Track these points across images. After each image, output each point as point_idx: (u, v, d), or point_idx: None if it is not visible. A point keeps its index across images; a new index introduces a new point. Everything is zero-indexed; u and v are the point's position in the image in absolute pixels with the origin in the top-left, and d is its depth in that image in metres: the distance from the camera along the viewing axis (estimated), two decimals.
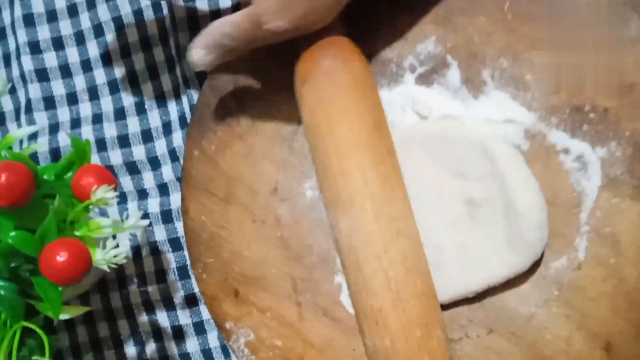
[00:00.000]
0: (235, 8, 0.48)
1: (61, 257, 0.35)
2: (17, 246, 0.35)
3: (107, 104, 0.51)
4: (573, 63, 0.42)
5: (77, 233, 0.39)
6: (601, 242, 0.42)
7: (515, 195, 0.41)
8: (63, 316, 0.39)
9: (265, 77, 0.46)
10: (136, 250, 0.50)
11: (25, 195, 0.35)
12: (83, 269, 0.36)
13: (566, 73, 0.42)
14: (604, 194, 0.42)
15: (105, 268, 0.38)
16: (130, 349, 0.50)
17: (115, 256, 0.38)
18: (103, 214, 0.50)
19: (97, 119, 0.50)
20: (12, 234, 0.36)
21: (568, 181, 0.43)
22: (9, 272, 0.38)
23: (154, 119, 0.50)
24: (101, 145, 0.50)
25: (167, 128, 0.50)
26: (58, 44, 0.51)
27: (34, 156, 0.50)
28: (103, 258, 0.38)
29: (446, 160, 0.43)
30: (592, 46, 0.42)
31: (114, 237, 0.47)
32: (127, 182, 0.50)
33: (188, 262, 0.48)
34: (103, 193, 0.38)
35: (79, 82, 0.51)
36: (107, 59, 0.50)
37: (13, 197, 0.35)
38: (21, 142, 0.51)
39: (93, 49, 0.51)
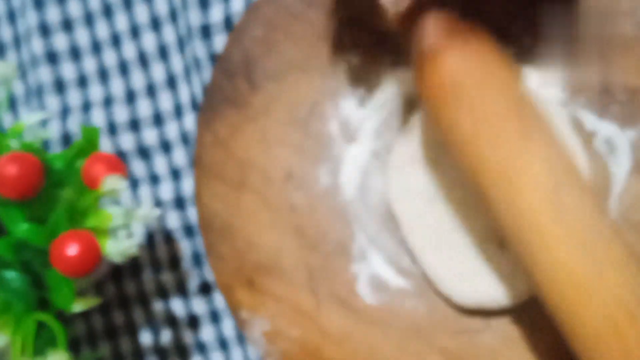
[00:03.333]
0: None
1: (72, 250, 0.35)
2: (27, 239, 0.35)
3: (117, 86, 0.49)
4: (603, 40, 0.40)
5: (88, 224, 0.38)
6: (629, 229, 0.40)
7: None
8: (76, 308, 0.38)
9: (279, 57, 0.44)
10: (150, 237, 0.49)
11: (34, 187, 0.35)
12: (94, 262, 0.35)
13: (595, 51, 0.40)
14: (632, 179, 0.40)
15: (117, 260, 0.37)
16: (146, 337, 0.49)
17: (127, 247, 0.38)
18: (115, 200, 0.49)
19: (108, 102, 0.49)
20: (23, 226, 0.35)
21: (596, 165, 0.41)
22: (21, 264, 0.37)
23: (165, 101, 0.49)
24: (112, 129, 0.49)
25: (178, 111, 0.48)
26: (67, 26, 0.50)
27: (44, 142, 0.49)
28: (116, 250, 0.37)
29: None
30: (622, 22, 0.40)
31: (128, 226, 0.46)
32: (138, 168, 0.49)
33: (202, 249, 0.47)
34: (113, 183, 0.37)
35: (89, 64, 0.50)
36: (116, 41, 0.49)
37: (22, 190, 0.34)
38: (34, 126, 0.50)
39: (102, 30, 0.49)
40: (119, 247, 0.38)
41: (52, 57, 0.49)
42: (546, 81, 0.42)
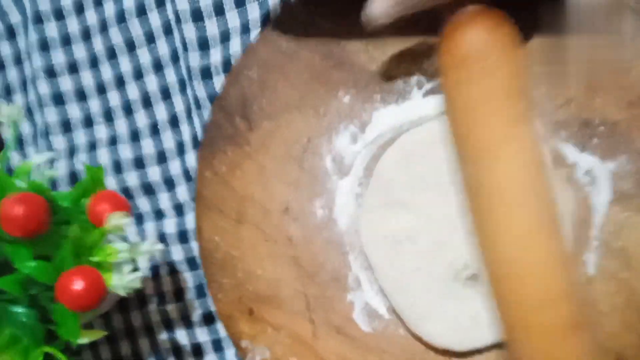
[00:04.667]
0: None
1: (77, 285, 0.36)
2: (34, 276, 0.36)
3: (121, 126, 0.51)
4: (582, 76, 0.42)
5: (94, 259, 0.40)
6: (611, 256, 0.42)
7: None
8: (82, 340, 0.40)
9: (274, 96, 0.46)
10: (155, 269, 0.51)
11: (41, 225, 0.36)
12: (99, 296, 0.37)
13: (575, 87, 0.42)
14: (614, 208, 0.42)
15: (122, 293, 0.39)
16: None
17: (131, 281, 0.39)
18: (122, 236, 0.51)
19: (113, 141, 0.51)
20: (30, 264, 0.37)
21: (578, 196, 0.42)
22: (28, 299, 0.39)
23: (168, 140, 0.51)
24: (117, 167, 0.51)
25: (180, 149, 0.50)
26: (73, 68, 0.52)
27: (52, 181, 0.51)
28: (120, 283, 0.39)
29: None
30: (601, 59, 0.41)
31: (134, 260, 0.48)
32: (143, 203, 0.51)
33: (205, 280, 0.49)
34: (117, 220, 0.39)
35: (94, 105, 0.52)
36: (120, 82, 0.51)
37: (29, 228, 0.36)
38: (41, 165, 0.52)
39: (107, 72, 0.52)
40: (123, 281, 0.39)
41: (58, 99, 0.52)
42: None
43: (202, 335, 0.50)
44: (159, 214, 0.51)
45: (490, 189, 0.37)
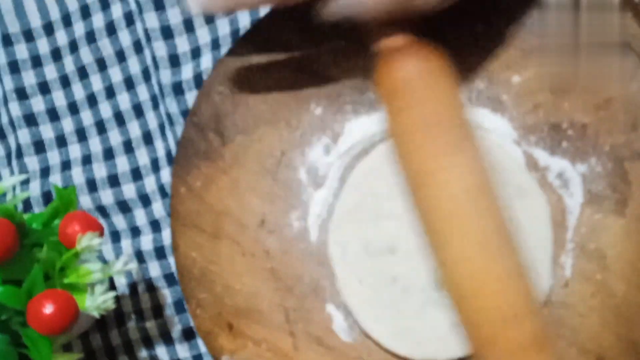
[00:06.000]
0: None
1: (48, 309, 0.36)
2: (3, 302, 0.36)
3: (95, 144, 0.51)
4: (548, 81, 0.42)
5: (67, 280, 0.40)
6: (587, 258, 0.42)
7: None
8: None
9: (246, 111, 0.46)
10: (133, 287, 0.50)
11: (8, 251, 0.36)
12: (70, 320, 0.37)
13: (542, 91, 0.42)
14: (587, 210, 0.42)
15: (95, 314, 0.39)
16: None
17: (104, 302, 0.39)
18: (98, 254, 0.51)
19: (87, 160, 0.51)
20: None
21: (551, 199, 0.43)
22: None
23: (142, 156, 0.51)
24: (92, 186, 0.51)
25: (155, 165, 0.50)
26: (44, 88, 0.52)
27: (26, 201, 0.51)
28: (92, 305, 0.39)
29: None
30: (567, 63, 0.42)
31: (110, 277, 0.48)
32: (119, 221, 0.51)
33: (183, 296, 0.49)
34: (88, 241, 0.39)
35: (67, 125, 0.52)
36: (92, 101, 0.51)
37: None
38: (14, 187, 0.52)
39: (79, 92, 0.51)
40: (97, 301, 0.39)
41: (31, 119, 0.51)
42: (499, 121, 0.44)
43: (183, 351, 0.50)
44: (135, 231, 0.51)
45: (434, 214, 0.38)
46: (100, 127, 0.51)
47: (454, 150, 0.37)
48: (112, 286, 0.50)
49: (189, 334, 0.50)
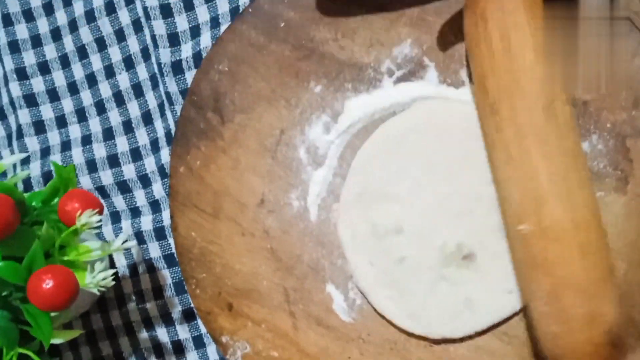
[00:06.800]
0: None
1: (47, 285, 0.36)
2: (4, 277, 0.36)
3: (95, 124, 0.51)
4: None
5: (66, 258, 0.40)
6: None
7: None
8: (55, 341, 0.39)
9: (246, 90, 0.46)
10: (133, 268, 0.50)
11: (9, 226, 0.36)
12: (70, 295, 0.36)
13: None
14: None
15: (95, 291, 0.39)
16: None
17: (103, 279, 0.39)
18: (98, 234, 0.51)
19: (87, 140, 0.51)
20: None
21: None
22: (0, 300, 0.38)
23: (142, 137, 0.50)
24: (92, 166, 0.51)
25: (154, 145, 0.50)
26: (44, 68, 0.52)
27: (27, 181, 0.51)
28: (92, 281, 0.39)
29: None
30: (569, 40, 0.41)
31: (111, 257, 0.48)
32: (119, 201, 0.51)
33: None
34: (87, 218, 0.39)
35: (67, 105, 0.52)
36: (92, 81, 0.51)
37: None
38: (15, 166, 0.52)
39: (78, 72, 0.51)
40: (97, 279, 0.39)
41: (31, 100, 0.51)
42: None
43: (183, 332, 0.50)
44: (135, 212, 0.50)
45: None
46: (100, 107, 0.51)
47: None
48: (112, 267, 0.50)
49: (189, 315, 0.50)
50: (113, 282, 0.39)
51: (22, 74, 0.52)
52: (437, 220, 0.43)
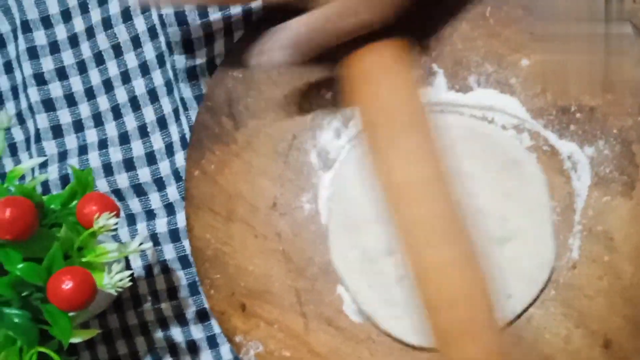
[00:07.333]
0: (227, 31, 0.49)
1: (67, 285, 0.37)
2: (25, 277, 0.37)
3: (111, 129, 0.52)
4: (557, 64, 0.42)
5: (85, 259, 0.41)
6: (594, 240, 0.42)
7: None
8: (74, 340, 0.41)
9: (259, 96, 0.47)
10: (148, 269, 0.52)
11: (29, 228, 0.37)
12: (89, 295, 0.38)
13: (550, 74, 0.43)
14: (594, 193, 0.42)
15: (112, 292, 0.40)
16: None
17: (120, 280, 0.40)
18: (114, 236, 0.52)
19: (103, 144, 0.52)
20: (20, 265, 0.38)
21: (559, 181, 0.43)
22: (20, 300, 0.40)
23: (157, 141, 0.52)
24: (108, 169, 0.52)
25: (169, 149, 0.51)
26: (62, 74, 0.53)
27: (45, 184, 0.52)
28: (109, 282, 0.40)
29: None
30: (575, 46, 0.42)
31: (127, 258, 0.49)
32: (135, 204, 0.52)
33: (197, 278, 0.50)
34: (105, 220, 0.40)
35: (84, 109, 0.53)
36: (108, 86, 0.52)
37: (17, 231, 0.37)
38: (33, 170, 0.53)
39: (95, 77, 0.53)
40: (114, 280, 0.40)
41: (49, 105, 0.53)
42: (507, 104, 0.44)
43: (197, 332, 0.51)
44: (150, 214, 0.52)
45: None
46: (116, 112, 0.52)
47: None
48: (128, 268, 0.51)
49: (203, 316, 0.51)
50: (130, 283, 0.40)
51: (40, 80, 0.53)
52: None
